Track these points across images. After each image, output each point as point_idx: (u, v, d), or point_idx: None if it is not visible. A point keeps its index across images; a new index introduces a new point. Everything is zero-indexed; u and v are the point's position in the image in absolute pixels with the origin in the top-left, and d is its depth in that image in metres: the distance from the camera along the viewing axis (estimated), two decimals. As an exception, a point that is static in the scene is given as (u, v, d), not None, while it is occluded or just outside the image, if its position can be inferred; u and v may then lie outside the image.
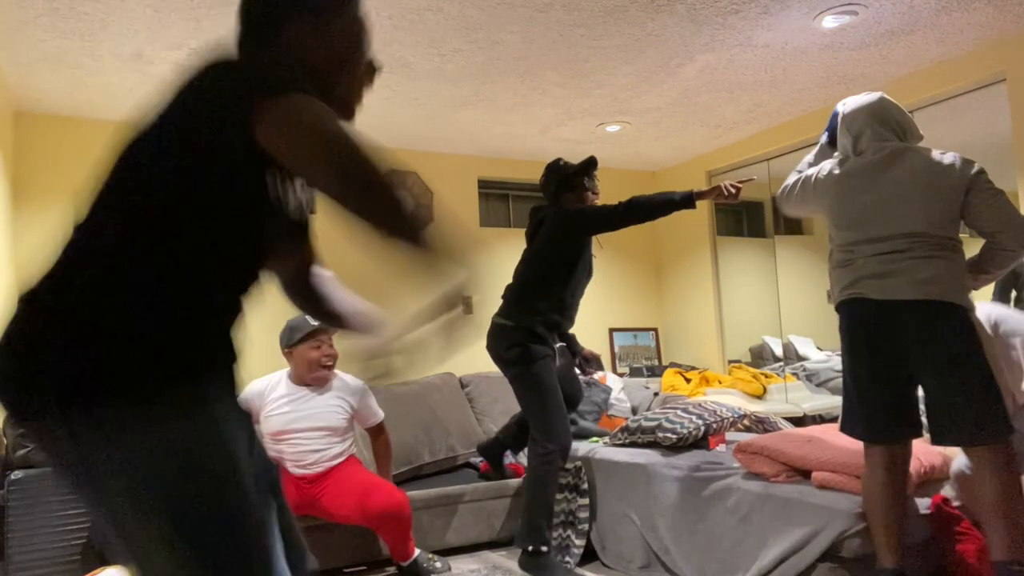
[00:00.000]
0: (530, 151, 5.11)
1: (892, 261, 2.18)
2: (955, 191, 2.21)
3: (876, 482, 2.19)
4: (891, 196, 2.23)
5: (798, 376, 4.74)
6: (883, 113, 2.34)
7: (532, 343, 3.01)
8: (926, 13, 3.21)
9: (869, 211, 2.25)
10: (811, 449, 2.54)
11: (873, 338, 2.20)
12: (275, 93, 1.02)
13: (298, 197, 1.23)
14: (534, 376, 2.99)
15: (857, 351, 2.24)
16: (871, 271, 2.20)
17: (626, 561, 3.11)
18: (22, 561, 2.82)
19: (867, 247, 2.24)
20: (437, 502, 3.43)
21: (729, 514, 2.64)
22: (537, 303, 3.06)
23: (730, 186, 2.98)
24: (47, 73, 3.42)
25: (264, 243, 1.17)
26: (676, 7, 3.05)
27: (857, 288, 2.23)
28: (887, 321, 2.18)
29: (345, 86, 1.25)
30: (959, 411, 2.09)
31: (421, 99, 3.99)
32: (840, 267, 2.31)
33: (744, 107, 4.35)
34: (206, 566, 1.00)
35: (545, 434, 2.96)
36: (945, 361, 2.11)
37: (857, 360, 2.24)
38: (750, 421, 3.67)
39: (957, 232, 2.23)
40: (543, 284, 3.08)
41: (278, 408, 3.15)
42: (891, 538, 2.16)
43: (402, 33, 3.17)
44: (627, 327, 5.62)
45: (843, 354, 2.30)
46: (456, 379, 4.40)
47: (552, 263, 3.08)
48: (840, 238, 2.33)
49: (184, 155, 1.04)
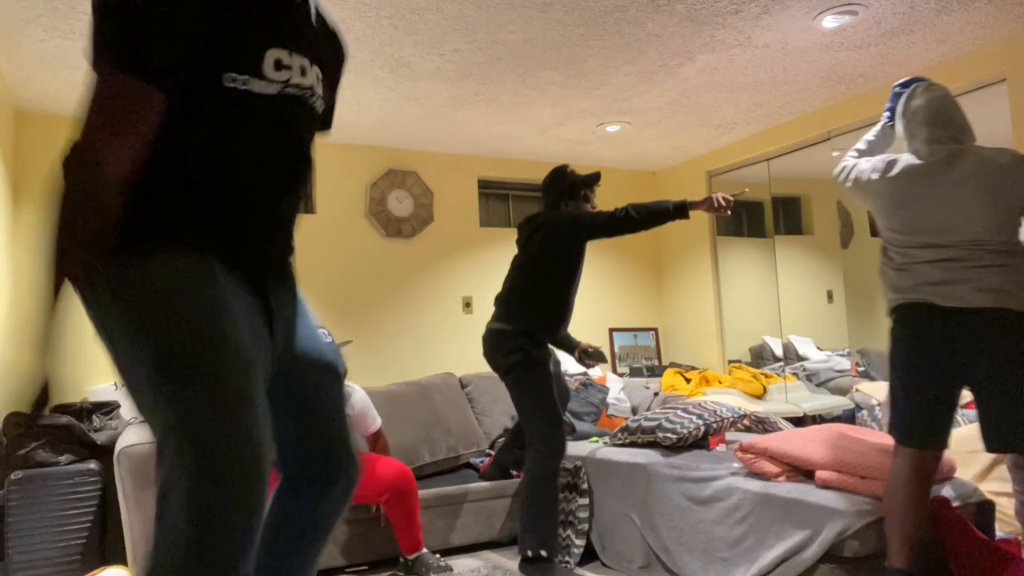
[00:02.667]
0: (530, 151, 5.12)
1: (955, 269, 2.14)
2: (1016, 191, 2.17)
3: (901, 481, 2.17)
4: (951, 202, 2.19)
5: (798, 376, 4.75)
6: (944, 113, 2.29)
7: (532, 348, 3.01)
8: (926, 13, 3.21)
9: (928, 217, 2.20)
10: (812, 449, 2.54)
11: (933, 344, 2.16)
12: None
13: None
14: (532, 382, 2.99)
15: (914, 355, 2.19)
16: (933, 278, 2.16)
17: (626, 561, 3.11)
18: (22, 561, 2.82)
19: (927, 252, 2.19)
20: (437, 502, 3.43)
21: (729, 514, 2.64)
22: (537, 307, 3.06)
23: (722, 199, 3.01)
24: (47, 73, 3.42)
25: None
26: (676, 7, 3.05)
27: (918, 293, 2.19)
28: (951, 327, 2.14)
29: None
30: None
31: (421, 99, 3.99)
32: (897, 269, 2.25)
33: (744, 107, 4.35)
34: (178, 414, 1.09)
35: (542, 440, 2.96)
36: (1012, 369, 2.10)
37: (912, 364, 2.19)
38: (750, 421, 3.67)
39: (1017, 234, 2.19)
40: (542, 288, 3.07)
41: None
42: (905, 539, 2.15)
43: (402, 33, 3.17)
44: (627, 327, 5.62)
45: (896, 356, 2.24)
46: (456, 379, 4.40)
47: (551, 267, 3.07)
48: (896, 240, 2.27)
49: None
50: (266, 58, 1.25)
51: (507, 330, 3.05)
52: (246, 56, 1.24)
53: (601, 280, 5.57)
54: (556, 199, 3.20)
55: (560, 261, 3.07)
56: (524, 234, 3.19)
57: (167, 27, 1.15)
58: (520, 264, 3.15)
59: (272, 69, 1.27)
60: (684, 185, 5.57)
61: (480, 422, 4.23)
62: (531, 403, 2.99)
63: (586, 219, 3.03)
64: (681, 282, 5.63)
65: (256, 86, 1.25)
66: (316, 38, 1.39)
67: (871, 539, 2.27)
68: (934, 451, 2.19)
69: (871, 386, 4.18)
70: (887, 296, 2.31)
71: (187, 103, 1.22)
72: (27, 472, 2.88)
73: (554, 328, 3.10)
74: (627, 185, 5.76)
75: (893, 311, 2.28)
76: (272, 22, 1.26)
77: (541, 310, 3.06)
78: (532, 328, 3.04)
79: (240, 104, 1.25)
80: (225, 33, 1.21)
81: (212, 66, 1.21)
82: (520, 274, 3.13)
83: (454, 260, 5.02)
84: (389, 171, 4.84)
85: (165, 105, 1.19)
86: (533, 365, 2.98)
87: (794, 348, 4.88)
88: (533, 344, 3.02)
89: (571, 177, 3.20)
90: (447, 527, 3.45)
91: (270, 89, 1.27)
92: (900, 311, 2.25)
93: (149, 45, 1.15)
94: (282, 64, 1.28)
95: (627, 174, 5.79)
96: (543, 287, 3.07)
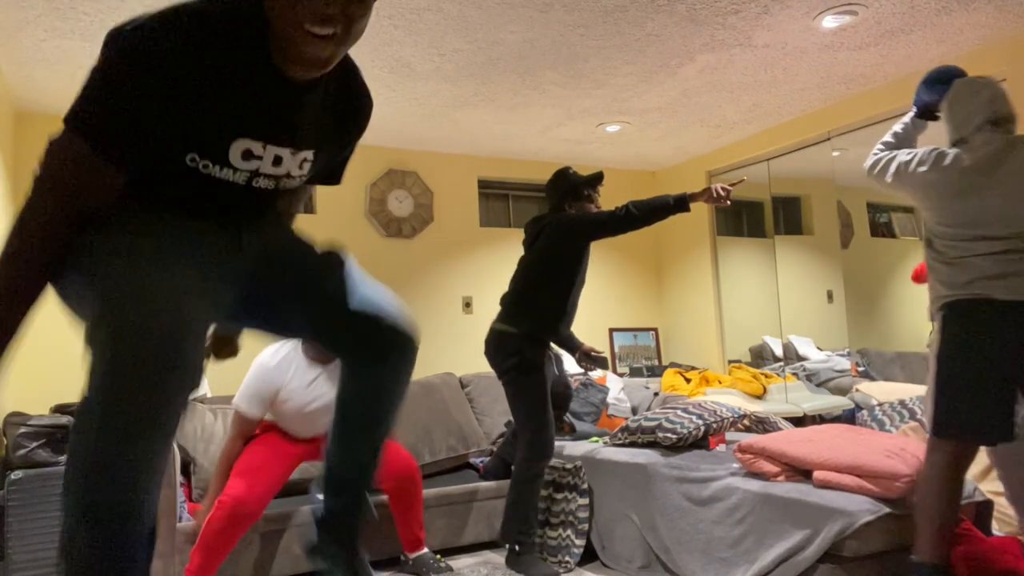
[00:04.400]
0: (530, 151, 5.12)
1: (1013, 261, 2.12)
2: None
3: (941, 475, 2.17)
4: (1006, 193, 2.16)
5: (798, 376, 4.74)
6: (1001, 102, 2.26)
7: (532, 349, 3.08)
8: (926, 13, 3.21)
9: (983, 210, 2.17)
10: (811, 449, 2.54)
11: (993, 339, 2.13)
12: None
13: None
14: (526, 385, 3.08)
15: (971, 350, 2.16)
16: (992, 271, 2.13)
17: (626, 561, 3.11)
18: (22, 561, 2.82)
19: (980, 245, 2.16)
20: (437, 502, 3.43)
21: (729, 514, 2.64)
22: (540, 309, 3.13)
23: (720, 189, 3.04)
24: (47, 73, 3.42)
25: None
26: (676, 7, 3.05)
27: (976, 288, 2.16)
28: (1009, 322, 2.11)
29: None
30: None
31: (421, 99, 3.99)
32: (949, 264, 2.21)
33: (744, 107, 4.35)
34: (101, 385, 1.08)
35: (529, 442, 3.08)
36: None
37: (968, 359, 2.16)
38: (750, 421, 3.67)
39: None
40: (545, 290, 3.13)
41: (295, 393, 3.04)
42: (940, 533, 2.14)
43: (402, 33, 3.17)
44: (627, 327, 5.62)
45: (949, 351, 2.20)
46: (456, 379, 4.40)
47: (554, 269, 3.13)
48: (947, 234, 2.23)
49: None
50: (232, 149, 1.25)
51: (508, 332, 3.12)
52: (211, 145, 1.24)
53: (601, 280, 5.57)
54: (560, 200, 3.26)
55: (563, 262, 3.13)
56: (530, 236, 3.26)
57: (136, 122, 1.17)
58: (525, 265, 3.22)
59: (239, 159, 1.27)
60: (684, 185, 5.57)
61: (480, 422, 4.23)
62: (523, 406, 3.09)
63: (587, 219, 3.10)
64: (681, 282, 5.63)
65: (221, 173, 1.26)
66: (315, 126, 1.36)
67: (871, 539, 2.27)
68: (973, 447, 2.18)
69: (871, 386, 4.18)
70: (936, 292, 2.26)
71: (147, 172, 1.25)
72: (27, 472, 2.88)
73: (556, 328, 3.15)
74: (627, 185, 5.76)
75: (945, 307, 2.22)
76: (244, 115, 1.24)
77: (543, 311, 3.13)
78: (533, 330, 3.11)
79: (201, 179, 1.26)
80: (192, 124, 1.20)
81: (176, 149, 1.23)
82: (524, 275, 3.20)
83: (454, 260, 5.02)
84: (389, 171, 4.84)
85: (120, 180, 1.21)
86: (528, 370, 3.07)
87: (794, 348, 4.88)
88: (532, 347, 3.09)
89: (573, 178, 3.27)
90: (447, 527, 3.45)
91: (237, 178, 1.29)
92: (956, 307, 2.20)
93: (116, 134, 1.17)
94: (252, 154, 1.27)
95: (627, 174, 5.79)
96: (545, 288, 3.13)
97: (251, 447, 2.97)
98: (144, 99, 1.15)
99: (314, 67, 1.23)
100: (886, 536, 2.30)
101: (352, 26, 1.20)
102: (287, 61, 1.23)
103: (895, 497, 2.32)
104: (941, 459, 2.18)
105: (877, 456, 2.38)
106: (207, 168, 1.25)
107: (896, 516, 2.30)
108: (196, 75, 1.17)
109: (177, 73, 1.15)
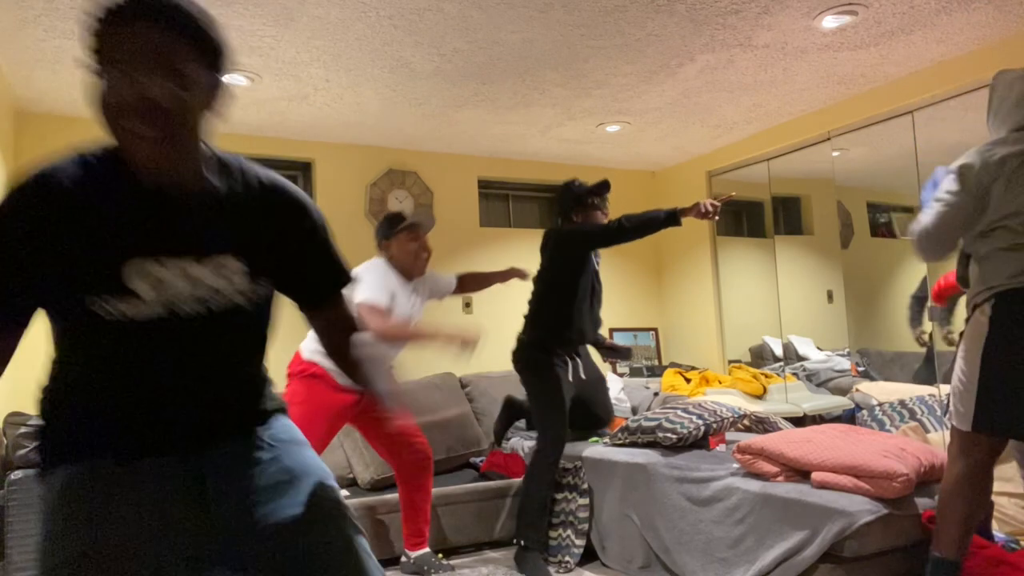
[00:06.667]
0: (530, 151, 5.12)
1: None
2: None
3: (964, 473, 2.15)
4: None
5: (798, 376, 4.75)
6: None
7: (541, 355, 3.26)
8: (926, 13, 3.21)
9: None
10: (811, 449, 2.54)
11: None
12: None
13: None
14: (537, 386, 3.26)
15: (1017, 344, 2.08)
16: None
17: (626, 561, 3.11)
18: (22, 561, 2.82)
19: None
20: (437, 502, 3.44)
21: (729, 514, 2.64)
22: (546, 317, 3.32)
23: (709, 204, 3.12)
24: (47, 73, 3.42)
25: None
26: (676, 7, 3.05)
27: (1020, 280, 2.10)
28: None
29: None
30: None
31: (421, 99, 3.99)
32: (1009, 251, 2.13)
33: (744, 107, 4.35)
34: None
35: (543, 439, 3.23)
36: None
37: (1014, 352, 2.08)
38: (750, 421, 3.67)
39: None
40: (550, 299, 3.33)
41: (399, 301, 2.96)
42: (960, 531, 2.14)
43: (402, 33, 3.17)
44: (627, 327, 5.63)
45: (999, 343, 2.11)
46: (456, 379, 4.40)
47: (557, 279, 3.31)
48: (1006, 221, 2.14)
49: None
50: (124, 274, 1.10)
51: (521, 340, 3.35)
52: (100, 276, 1.10)
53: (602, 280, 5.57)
54: (566, 211, 3.40)
55: (564, 272, 3.30)
56: (541, 248, 3.43)
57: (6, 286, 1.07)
58: (535, 277, 3.42)
59: (138, 281, 1.11)
60: (684, 185, 5.57)
61: (480, 422, 4.23)
62: (534, 406, 3.29)
63: (582, 231, 3.26)
64: (681, 282, 5.63)
65: (129, 309, 1.11)
66: (222, 228, 1.19)
67: (870, 539, 2.27)
68: (1001, 444, 2.16)
69: (871, 386, 4.18)
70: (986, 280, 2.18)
71: (62, 327, 1.16)
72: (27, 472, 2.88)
73: (565, 337, 3.30)
74: (627, 185, 5.76)
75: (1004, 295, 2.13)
76: (119, 234, 1.11)
77: (549, 318, 3.32)
78: (541, 337, 3.31)
79: (114, 330, 1.12)
80: (71, 263, 1.08)
81: (69, 294, 1.10)
82: (534, 286, 3.41)
83: (454, 260, 5.02)
84: (389, 171, 4.84)
85: (11, 341, 1.11)
86: (538, 371, 3.26)
87: (794, 348, 4.88)
88: (543, 352, 3.28)
89: (577, 189, 3.39)
90: (447, 527, 3.45)
91: (152, 311, 1.12)
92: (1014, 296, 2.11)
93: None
94: (151, 274, 1.12)
95: (627, 174, 5.79)
96: (550, 297, 3.33)
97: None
98: (5, 262, 1.06)
99: (153, 168, 1.09)
100: (886, 536, 2.30)
101: (166, 112, 1.05)
102: (137, 169, 1.11)
103: (892, 497, 2.32)
104: (976, 456, 2.15)
105: (874, 456, 2.38)
106: (109, 304, 1.10)
107: (896, 516, 2.30)
108: (53, 221, 1.07)
109: (31, 228, 1.06)
